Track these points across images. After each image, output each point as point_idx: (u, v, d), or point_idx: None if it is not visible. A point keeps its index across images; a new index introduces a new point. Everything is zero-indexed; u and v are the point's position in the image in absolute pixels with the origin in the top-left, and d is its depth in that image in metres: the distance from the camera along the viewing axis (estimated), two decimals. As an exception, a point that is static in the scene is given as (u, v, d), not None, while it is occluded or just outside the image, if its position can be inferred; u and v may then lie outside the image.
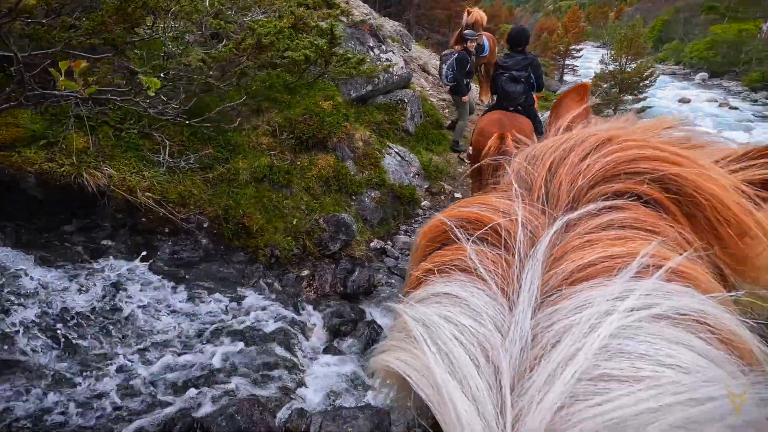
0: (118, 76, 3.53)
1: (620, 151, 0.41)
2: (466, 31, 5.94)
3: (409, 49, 9.60)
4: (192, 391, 2.20)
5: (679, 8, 57.91)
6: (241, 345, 2.59)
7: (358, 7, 8.38)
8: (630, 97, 23.18)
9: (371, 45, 6.06)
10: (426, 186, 5.59)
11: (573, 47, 37.44)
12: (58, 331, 2.42)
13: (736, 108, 31.93)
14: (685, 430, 0.25)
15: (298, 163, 4.36)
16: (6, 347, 2.26)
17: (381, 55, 6.05)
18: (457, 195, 5.62)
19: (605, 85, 23.58)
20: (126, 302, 2.67)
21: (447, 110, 7.86)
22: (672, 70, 46.86)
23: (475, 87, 8.19)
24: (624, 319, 0.29)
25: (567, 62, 38.17)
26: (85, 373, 2.38)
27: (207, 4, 4.14)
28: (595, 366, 0.28)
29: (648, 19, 59.68)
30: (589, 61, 36.48)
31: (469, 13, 6.65)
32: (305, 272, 3.78)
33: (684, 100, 33.91)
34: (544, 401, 0.27)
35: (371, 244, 4.41)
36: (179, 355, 2.42)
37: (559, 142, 0.45)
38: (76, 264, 2.93)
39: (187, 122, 3.43)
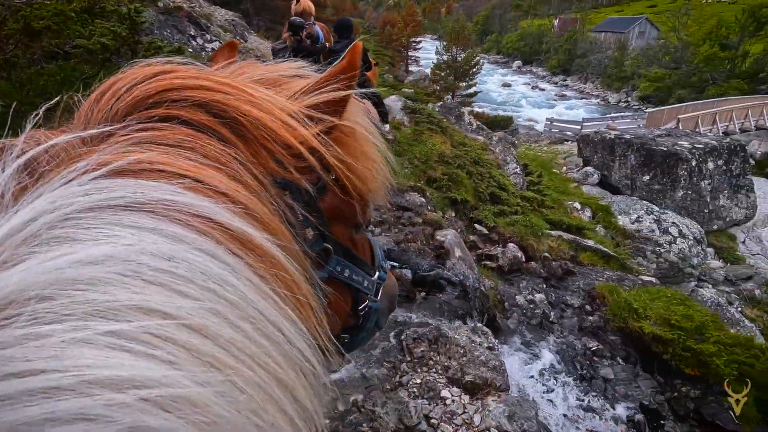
0: None
1: (166, 80, 0.45)
2: (293, 18, 5.91)
3: (245, 40, 9.18)
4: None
5: (495, 5, 67.06)
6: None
7: (180, -6, 7.67)
8: (464, 84, 26.09)
9: (192, 34, 5.61)
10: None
11: (413, 40, 40.38)
12: None
13: (543, 89, 38.81)
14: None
15: (112, 166, 3.84)
16: None
17: (205, 44, 5.65)
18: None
19: (443, 74, 26.09)
20: None
21: (290, 101, 7.77)
22: (495, 59, 54.29)
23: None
24: (56, 212, 0.31)
25: (410, 54, 41.04)
26: None
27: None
28: (21, 251, 0.30)
29: (472, 15, 67.78)
30: (429, 53, 39.90)
31: (297, 2, 6.63)
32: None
33: (506, 85, 39.83)
34: None
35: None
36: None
37: (116, 77, 0.48)
38: None
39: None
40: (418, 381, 2.48)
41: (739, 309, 9.69)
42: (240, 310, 0.35)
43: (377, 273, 0.77)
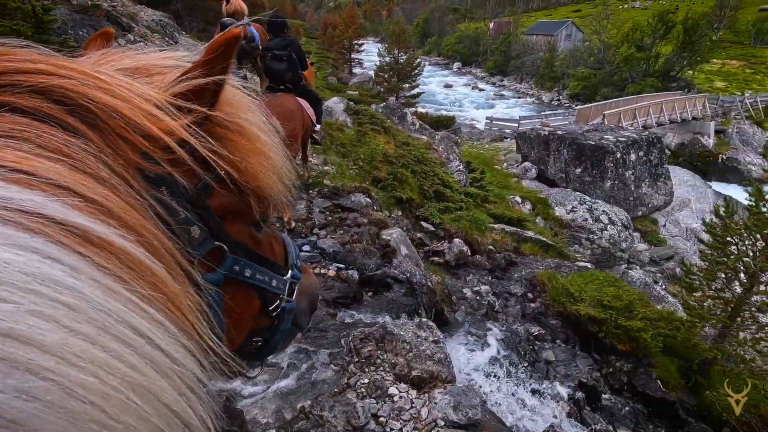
0: None
1: None
2: (224, 19, 5.71)
3: (176, 41, 8.74)
4: None
5: (434, 8, 68.91)
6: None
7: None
8: (407, 85, 26.50)
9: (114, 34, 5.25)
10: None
11: (355, 42, 40.40)
12: None
13: (483, 90, 40.44)
14: None
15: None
16: None
17: (129, 45, 5.31)
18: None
19: (386, 76, 26.33)
20: None
21: (228, 104, 7.48)
22: (436, 61, 55.80)
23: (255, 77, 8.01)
24: None
25: (353, 56, 41.02)
26: None
27: None
28: None
29: (412, 18, 69.19)
30: (372, 55, 40.13)
31: (228, 2, 6.41)
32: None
33: (448, 86, 41.06)
34: None
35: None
36: None
37: None
38: None
39: None
40: (366, 381, 2.47)
41: (663, 287, 10.64)
42: (79, 312, 0.31)
43: (290, 272, 0.75)
